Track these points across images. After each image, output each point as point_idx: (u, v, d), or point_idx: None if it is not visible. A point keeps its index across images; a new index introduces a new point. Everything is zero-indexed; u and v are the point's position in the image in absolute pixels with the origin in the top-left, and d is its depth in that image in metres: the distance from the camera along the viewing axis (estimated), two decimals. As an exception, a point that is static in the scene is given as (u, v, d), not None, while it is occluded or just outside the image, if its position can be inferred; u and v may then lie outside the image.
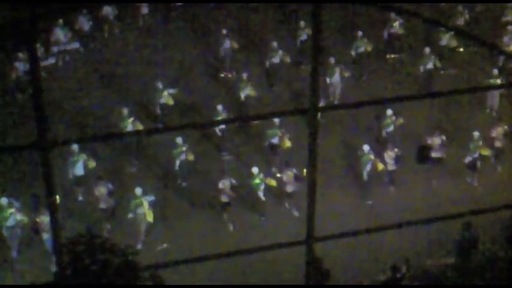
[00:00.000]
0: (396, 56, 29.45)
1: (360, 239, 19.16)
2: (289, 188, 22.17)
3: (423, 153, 23.11)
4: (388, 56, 29.44)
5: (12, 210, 20.16)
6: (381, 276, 18.65)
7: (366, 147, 22.77)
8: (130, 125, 23.35)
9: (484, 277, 15.50)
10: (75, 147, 22.05)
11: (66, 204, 21.45)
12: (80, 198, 22.62)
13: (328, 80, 26.33)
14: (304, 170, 19.98)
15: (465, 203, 21.46)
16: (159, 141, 24.43)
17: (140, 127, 23.42)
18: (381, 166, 22.59)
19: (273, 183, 22.17)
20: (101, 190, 21.24)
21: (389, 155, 22.75)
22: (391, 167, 22.90)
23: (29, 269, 19.68)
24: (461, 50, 29.47)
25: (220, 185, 21.64)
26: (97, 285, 10.40)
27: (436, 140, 23.12)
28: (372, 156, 22.65)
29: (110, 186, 21.32)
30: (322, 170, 13.01)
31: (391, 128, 24.21)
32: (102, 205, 21.40)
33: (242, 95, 25.75)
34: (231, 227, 21.92)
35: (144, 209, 20.81)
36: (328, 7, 27.51)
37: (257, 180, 22.00)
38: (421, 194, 22.84)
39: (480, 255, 17.66)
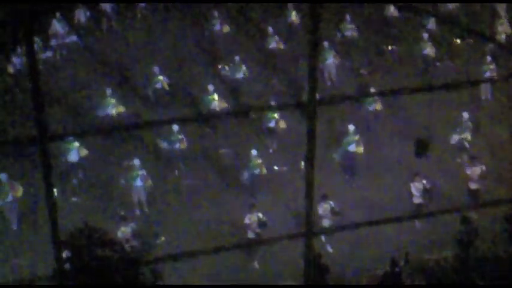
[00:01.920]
0: (393, 47, 29.58)
1: (358, 232, 19.33)
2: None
3: (421, 147, 23.02)
4: (384, 47, 29.56)
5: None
6: (380, 270, 18.62)
7: (351, 127, 23.10)
8: (112, 106, 24.46)
9: (482, 270, 15.50)
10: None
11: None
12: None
13: (321, 64, 26.66)
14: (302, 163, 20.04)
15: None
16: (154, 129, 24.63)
17: (122, 109, 24.46)
18: (361, 149, 23.04)
19: (264, 171, 22.37)
20: (124, 231, 19.51)
21: (417, 186, 21.23)
22: (417, 199, 21.24)
23: (28, 264, 19.62)
24: (458, 41, 29.64)
25: (247, 221, 20.12)
26: (97, 284, 10.38)
27: (475, 171, 21.53)
28: (356, 137, 22.92)
29: (134, 226, 19.94)
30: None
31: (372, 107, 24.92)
32: (126, 247, 19.42)
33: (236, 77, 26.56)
34: (256, 265, 20.38)
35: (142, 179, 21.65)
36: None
37: (253, 163, 22.22)
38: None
39: (479, 249, 17.64)
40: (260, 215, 20.02)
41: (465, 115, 23.75)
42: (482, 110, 26.33)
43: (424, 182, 21.12)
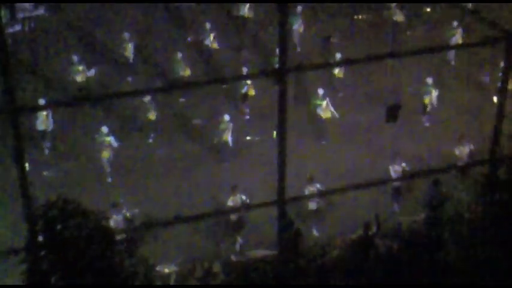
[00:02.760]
0: (364, 16, 29.63)
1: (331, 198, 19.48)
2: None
3: (392, 113, 23.11)
4: (355, 17, 29.60)
5: None
6: (353, 234, 18.81)
7: (321, 91, 23.57)
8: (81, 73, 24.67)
9: (453, 230, 15.65)
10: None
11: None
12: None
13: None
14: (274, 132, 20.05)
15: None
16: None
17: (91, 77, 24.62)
18: (328, 114, 23.49)
19: (227, 139, 22.58)
20: (116, 218, 18.47)
21: (396, 169, 20.97)
22: (396, 183, 21.01)
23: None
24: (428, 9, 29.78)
25: (230, 203, 19.71)
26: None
27: (464, 150, 21.64)
28: (324, 102, 23.36)
29: (128, 214, 19.09)
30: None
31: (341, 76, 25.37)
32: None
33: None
34: (237, 247, 20.24)
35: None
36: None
37: (224, 125, 22.48)
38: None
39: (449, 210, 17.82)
40: (243, 197, 19.73)
41: (430, 80, 24.11)
42: (450, 75, 26.54)
43: (404, 164, 21.01)
